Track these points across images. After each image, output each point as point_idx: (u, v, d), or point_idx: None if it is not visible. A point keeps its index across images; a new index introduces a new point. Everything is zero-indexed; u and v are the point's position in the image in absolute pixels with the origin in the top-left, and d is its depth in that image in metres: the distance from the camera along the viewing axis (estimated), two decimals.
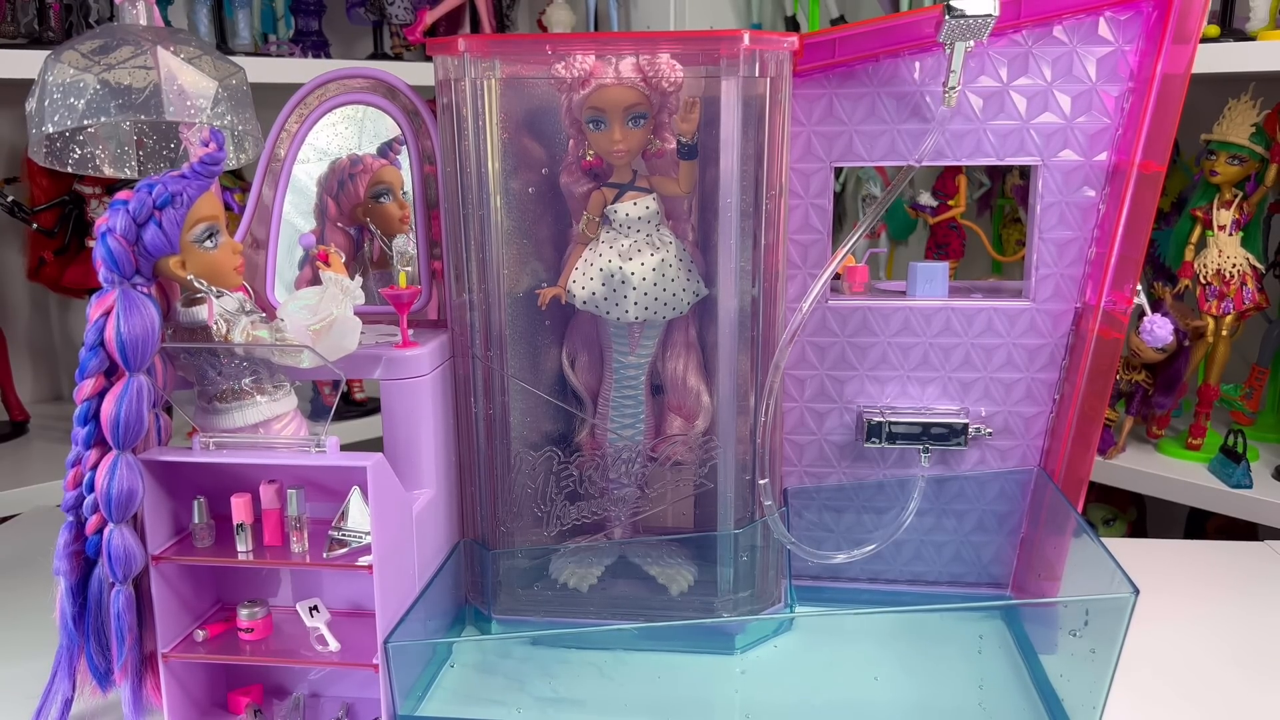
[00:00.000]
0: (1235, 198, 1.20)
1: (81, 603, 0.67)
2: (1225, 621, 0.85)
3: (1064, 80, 0.75)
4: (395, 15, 1.67)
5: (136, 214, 0.64)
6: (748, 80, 0.70)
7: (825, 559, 0.81)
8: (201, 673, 0.72)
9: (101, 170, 0.79)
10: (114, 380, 0.64)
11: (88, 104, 0.71)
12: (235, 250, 0.69)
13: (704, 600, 0.80)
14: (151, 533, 0.67)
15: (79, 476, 0.65)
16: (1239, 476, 1.23)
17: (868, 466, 0.84)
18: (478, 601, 0.82)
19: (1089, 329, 0.76)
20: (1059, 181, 0.76)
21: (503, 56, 0.72)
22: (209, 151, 0.66)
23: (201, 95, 0.73)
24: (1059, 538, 0.78)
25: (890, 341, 0.81)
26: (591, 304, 0.77)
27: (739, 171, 0.71)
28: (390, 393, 0.75)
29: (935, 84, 0.75)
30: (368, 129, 0.81)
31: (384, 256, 0.82)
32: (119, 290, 0.63)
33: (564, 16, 1.72)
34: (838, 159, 0.78)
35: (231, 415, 0.69)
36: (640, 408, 0.80)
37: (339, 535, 0.67)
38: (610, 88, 0.72)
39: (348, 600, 0.73)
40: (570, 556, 0.82)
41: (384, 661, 0.67)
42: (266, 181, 0.79)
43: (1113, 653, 0.65)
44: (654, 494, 0.81)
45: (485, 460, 0.79)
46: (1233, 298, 1.21)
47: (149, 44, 0.73)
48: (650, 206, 0.75)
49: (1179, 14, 0.70)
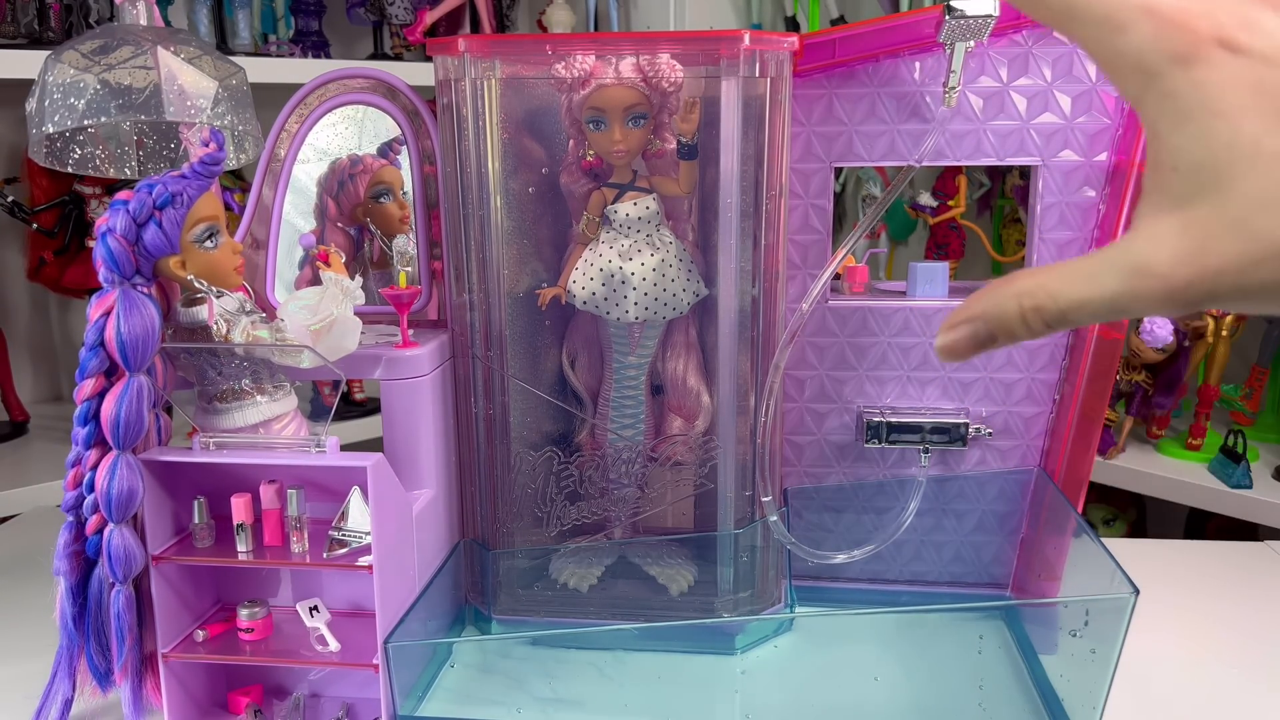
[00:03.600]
0: None
1: (81, 603, 0.67)
2: (1225, 621, 0.85)
3: (1064, 80, 0.75)
4: (395, 15, 1.67)
5: (136, 214, 0.64)
6: (748, 80, 0.70)
7: (825, 559, 0.81)
8: (201, 673, 0.72)
9: (101, 170, 0.79)
10: (114, 380, 0.64)
11: (88, 104, 0.71)
12: (235, 250, 0.69)
13: (704, 600, 0.80)
14: (151, 533, 0.67)
15: (79, 477, 0.65)
16: (1239, 477, 1.23)
17: (868, 467, 0.84)
18: (478, 601, 0.82)
19: (1089, 329, 0.76)
20: (1059, 182, 0.76)
21: (503, 56, 0.72)
22: (209, 151, 0.66)
23: (201, 95, 0.73)
24: (1059, 538, 0.78)
25: (890, 342, 0.81)
26: (591, 304, 0.77)
27: (739, 172, 0.71)
28: (390, 393, 0.75)
29: (935, 84, 0.75)
30: (368, 129, 0.81)
31: (384, 256, 0.82)
32: (119, 290, 0.63)
33: (564, 16, 1.72)
34: (838, 159, 0.78)
35: (231, 415, 0.69)
36: (640, 408, 0.80)
37: (339, 535, 0.67)
38: (610, 88, 0.72)
39: (348, 600, 0.73)
40: (570, 556, 0.82)
41: (384, 662, 0.67)
42: (266, 182, 0.79)
43: (1113, 653, 0.65)
44: (654, 494, 0.81)
45: (485, 460, 0.79)
46: None
47: (149, 44, 0.73)
48: (650, 207, 0.75)
49: None
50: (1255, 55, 0.28)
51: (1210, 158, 0.28)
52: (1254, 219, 0.28)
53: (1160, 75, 0.29)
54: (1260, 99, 0.28)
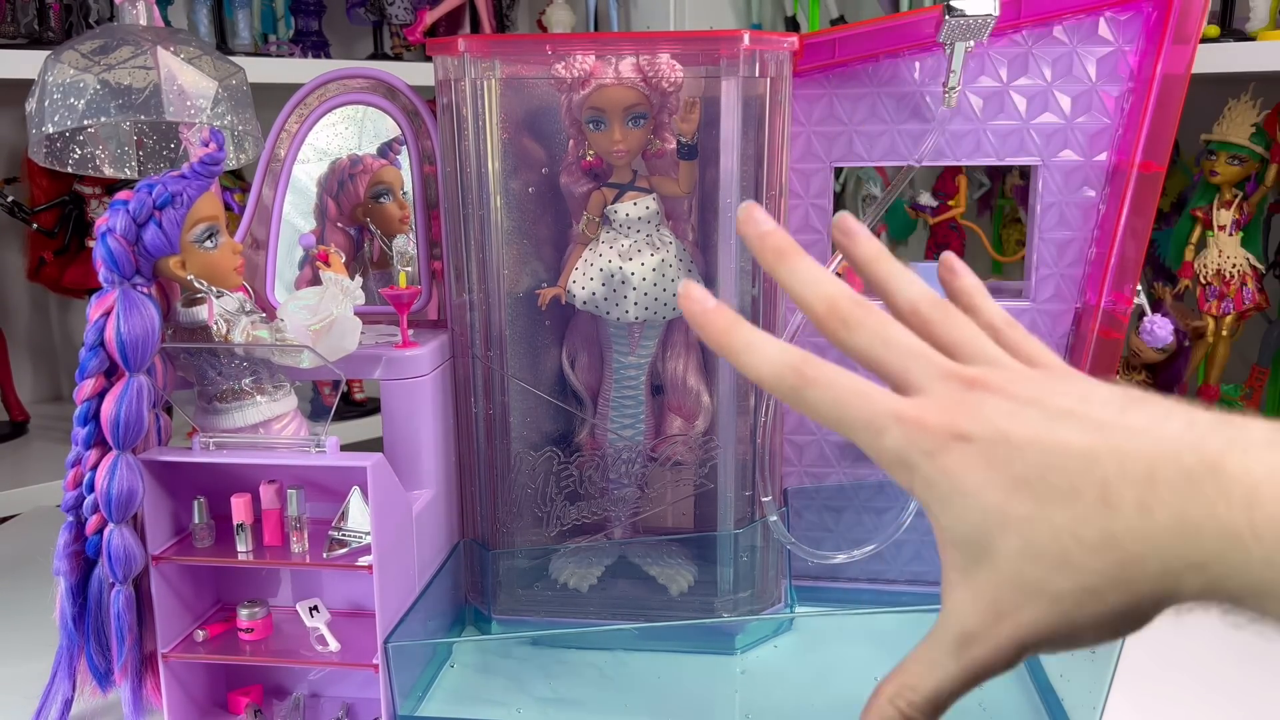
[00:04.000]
0: (1235, 198, 1.20)
1: (81, 603, 0.67)
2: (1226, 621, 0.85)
3: (1064, 80, 0.75)
4: (395, 15, 1.67)
5: (136, 214, 0.63)
6: (748, 80, 0.70)
7: (825, 559, 0.81)
8: (201, 673, 0.72)
9: (101, 170, 0.78)
10: (114, 380, 0.64)
11: (88, 104, 0.71)
12: (235, 250, 0.69)
13: (704, 600, 0.80)
14: (151, 533, 0.67)
15: (79, 477, 0.65)
16: None
17: (868, 466, 0.84)
18: (478, 601, 0.82)
19: (1089, 329, 0.76)
20: (1059, 182, 0.76)
21: (503, 56, 0.72)
22: (209, 151, 0.66)
23: (201, 95, 0.73)
24: None
25: None
26: (591, 304, 0.77)
27: (739, 172, 0.71)
28: (390, 393, 0.75)
29: (935, 84, 0.75)
30: (368, 129, 0.81)
31: (384, 257, 0.82)
32: (119, 290, 0.63)
33: (564, 16, 1.72)
34: (838, 159, 0.78)
35: (231, 415, 0.69)
36: (640, 408, 0.80)
37: (339, 535, 0.67)
38: (610, 88, 0.71)
39: (348, 600, 0.73)
40: (570, 556, 0.82)
41: (384, 662, 0.67)
42: (266, 182, 0.79)
43: (1113, 653, 0.65)
44: (654, 494, 0.81)
45: (485, 460, 0.79)
46: (1233, 298, 1.21)
47: (149, 44, 0.73)
48: (650, 206, 0.75)
49: (1179, 14, 0.70)
50: (980, 439, 0.33)
51: (972, 530, 0.33)
52: (1025, 573, 0.32)
53: (917, 467, 0.34)
54: (993, 474, 0.32)
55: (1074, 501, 0.31)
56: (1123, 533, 0.30)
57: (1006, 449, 0.32)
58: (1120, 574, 0.31)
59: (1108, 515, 0.30)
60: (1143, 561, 0.30)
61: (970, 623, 0.33)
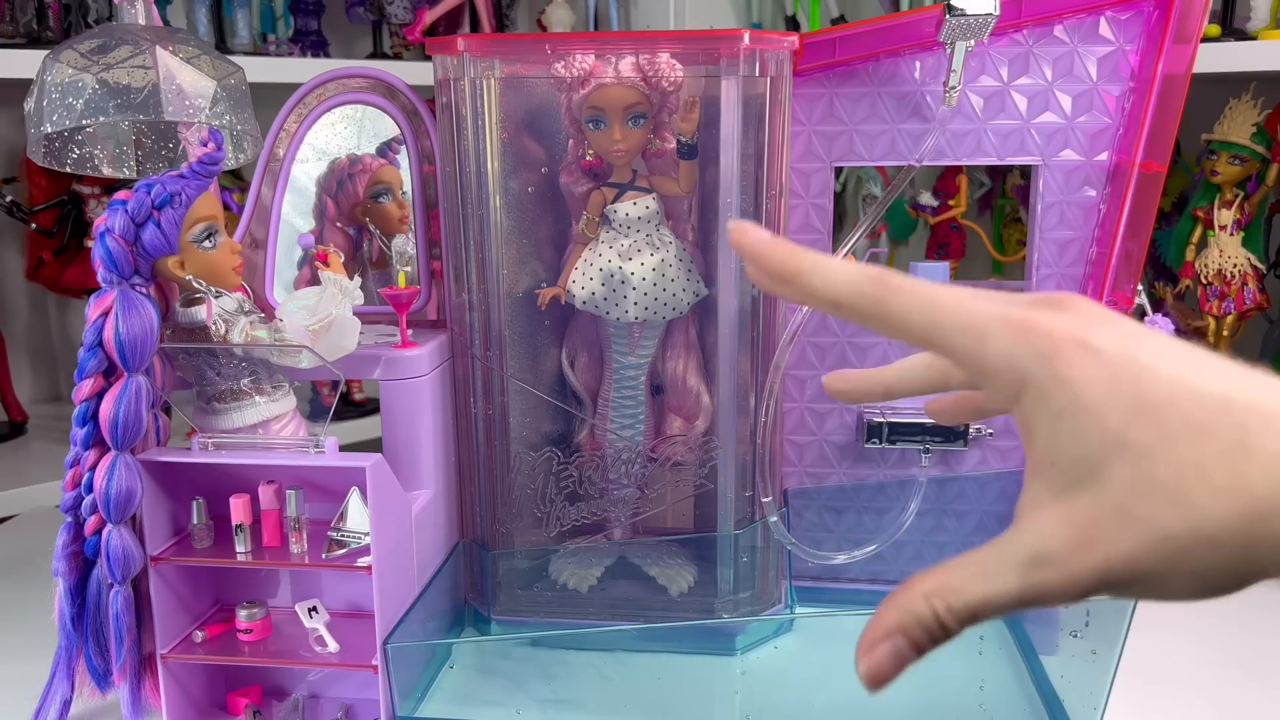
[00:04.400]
0: (1236, 198, 1.20)
1: (80, 603, 0.67)
2: (1225, 622, 0.85)
3: (1065, 80, 0.75)
4: (395, 15, 1.67)
5: (135, 214, 0.63)
6: (748, 80, 0.70)
7: (825, 559, 0.81)
8: (200, 674, 0.72)
9: (100, 170, 0.78)
10: (113, 381, 0.64)
11: (86, 104, 0.70)
12: (234, 250, 0.69)
13: (704, 601, 0.79)
14: (150, 533, 0.67)
15: (77, 477, 0.65)
16: None
17: (868, 467, 0.84)
18: (477, 602, 0.82)
19: None
20: (1060, 181, 0.76)
21: (502, 56, 0.72)
22: (208, 151, 0.66)
23: (200, 95, 0.73)
24: None
25: (891, 342, 0.81)
26: (591, 304, 0.76)
27: (739, 171, 0.71)
28: (389, 393, 0.75)
29: (936, 84, 0.75)
30: (367, 129, 0.80)
31: (383, 256, 0.82)
32: (117, 290, 0.63)
33: (564, 16, 1.72)
34: (838, 159, 0.78)
35: (230, 415, 0.69)
36: (640, 408, 0.80)
37: (338, 536, 0.67)
38: (610, 87, 0.71)
39: (347, 601, 0.73)
40: (570, 557, 0.82)
41: (383, 662, 0.67)
42: (265, 181, 0.79)
43: (1114, 654, 0.65)
44: (654, 494, 0.81)
45: (485, 460, 0.78)
46: (1234, 298, 1.21)
47: (147, 44, 0.73)
48: (650, 206, 0.75)
49: (1180, 14, 0.70)
50: (1106, 353, 0.30)
51: (1085, 451, 0.30)
52: (1134, 507, 0.29)
53: (1030, 375, 0.31)
54: (1118, 394, 0.29)
55: (1206, 439, 0.28)
56: (1259, 481, 0.28)
57: (1136, 369, 0.30)
58: (1244, 526, 0.28)
59: (1244, 460, 0.28)
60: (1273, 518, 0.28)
61: (1052, 545, 0.30)
